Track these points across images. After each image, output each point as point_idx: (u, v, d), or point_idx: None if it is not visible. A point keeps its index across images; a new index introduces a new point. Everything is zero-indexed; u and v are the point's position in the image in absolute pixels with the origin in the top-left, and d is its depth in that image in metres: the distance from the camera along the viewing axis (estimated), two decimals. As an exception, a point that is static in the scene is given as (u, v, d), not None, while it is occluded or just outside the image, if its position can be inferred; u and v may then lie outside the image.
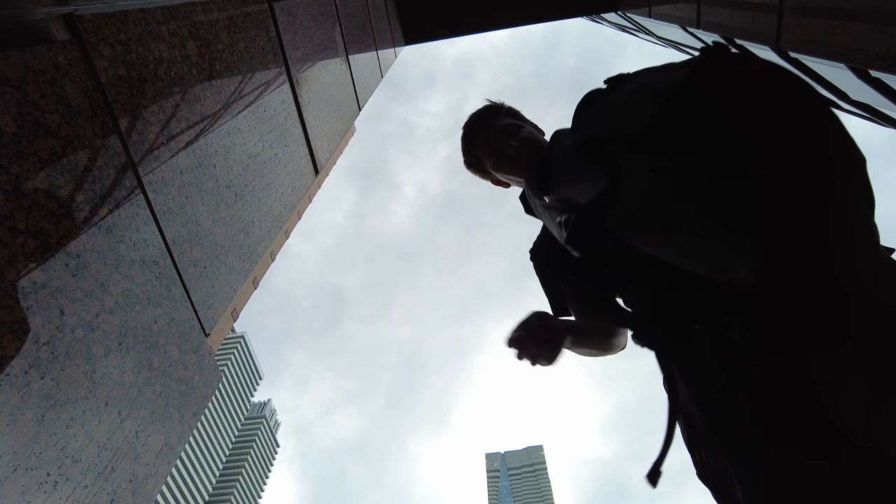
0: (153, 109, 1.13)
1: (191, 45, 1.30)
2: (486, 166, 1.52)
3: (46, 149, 0.84)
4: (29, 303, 0.78)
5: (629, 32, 6.82)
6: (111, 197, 0.99)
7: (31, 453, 0.77)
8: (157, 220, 1.12)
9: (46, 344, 0.81)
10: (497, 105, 1.57)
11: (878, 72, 2.05)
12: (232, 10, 1.54)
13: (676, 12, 4.02)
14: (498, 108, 1.56)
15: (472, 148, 1.54)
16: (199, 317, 1.25)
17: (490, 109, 1.55)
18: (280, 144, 1.83)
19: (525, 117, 1.57)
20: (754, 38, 2.84)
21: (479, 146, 1.51)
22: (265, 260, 2.06)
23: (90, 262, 0.91)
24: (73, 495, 0.84)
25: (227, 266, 1.39)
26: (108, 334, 0.94)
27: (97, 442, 0.89)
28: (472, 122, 1.55)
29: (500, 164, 1.46)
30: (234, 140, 1.49)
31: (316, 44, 2.34)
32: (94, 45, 0.98)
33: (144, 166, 1.09)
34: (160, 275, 1.11)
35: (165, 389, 1.09)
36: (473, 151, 1.54)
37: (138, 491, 0.99)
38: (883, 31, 1.88)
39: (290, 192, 1.90)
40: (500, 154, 1.44)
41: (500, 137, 1.45)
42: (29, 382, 0.77)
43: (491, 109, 1.55)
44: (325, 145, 2.38)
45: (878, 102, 2.48)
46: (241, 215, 1.49)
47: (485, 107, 1.57)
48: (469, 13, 5.86)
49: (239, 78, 1.54)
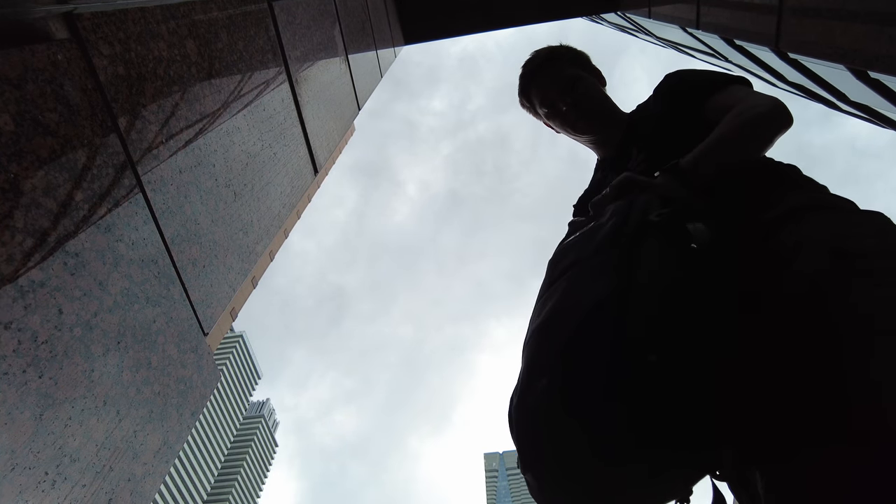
0: (152, 108, 1.13)
1: (190, 44, 1.29)
2: (538, 112, 1.49)
3: (45, 147, 0.84)
4: (27, 301, 0.78)
5: (629, 33, 6.82)
6: (110, 196, 0.98)
7: (29, 452, 0.77)
8: (155, 218, 1.11)
9: (45, 342, 0.81)
10: (560, 50, 1.49)
11: (876, 73, 2.05)
12: (231, 9, 1.54)
13: (676, 13, 4.02)
14: (561, 52, 1.48)
15: (526, 91, 1.50)
16: (198, 316, 1.25)
17: (552, 53, 1.48)
18: (279, 144, 1.83)
19: (591, 64, 1.50)
20: (753, 38, 2.84)
21: (534, 94, 1.47)
22: (264, 259, 2.06)
23: (89, 261, 0.91)
24: (72, 494, 0.84)
25: (225, 265, 1.39)
26: (107, 333, 0.94)
27: (95, 441, 0.89)
28: (532, 67, 1.48)
29: (551, 116, 1.44)
30: (234, 139, 1.49)
31: (315, 43, 2.34)
32: (93, 44, 0.97)
33: (143, 165, 1.08)
34: (159, 274, 1.11)
35: (164, 388, 1.09)
36: (527, 95, 1.50)
37: (136, 490, 0.99)
38: (882, 33, 1.88)
39: (290, 192, 1.89)
40: (553, 106, 1.42)
41: (557, 91, 1.40)
42: (27, 381, 0.77)
43: (553, 53, 1.48)
44: (324, 145, 2.38)
45: (877, 104, 2.48)
46: (239, 214, 1.49)
47: (547, 50, 1.49)
48: (468, 14, 5.86)
49: (238, 77, 1.53)
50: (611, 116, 1.40)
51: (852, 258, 0.79)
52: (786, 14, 2.44)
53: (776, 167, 1.10)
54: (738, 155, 1.09)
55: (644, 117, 1.34)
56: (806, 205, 0.95)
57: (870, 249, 0.80)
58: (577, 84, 1.40)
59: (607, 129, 1.39)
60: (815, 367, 0.73)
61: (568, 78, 1.41)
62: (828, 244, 0.83)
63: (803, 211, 0.93)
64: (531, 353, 0.81)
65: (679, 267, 0.79)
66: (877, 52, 1.92)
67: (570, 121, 1.40)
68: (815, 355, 0.74)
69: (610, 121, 1.39)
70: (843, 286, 0.76)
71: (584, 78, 1.43)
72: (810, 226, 0.90)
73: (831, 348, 0.72)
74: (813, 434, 0.70)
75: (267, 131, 1.73)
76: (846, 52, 2.10)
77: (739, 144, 1.10)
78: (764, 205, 0.98)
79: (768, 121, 1.10)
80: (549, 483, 0.72)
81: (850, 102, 2.85)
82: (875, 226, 0.87)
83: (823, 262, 0.80)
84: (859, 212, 0.93)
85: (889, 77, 2.01)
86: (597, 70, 1.50)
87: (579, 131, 1.42)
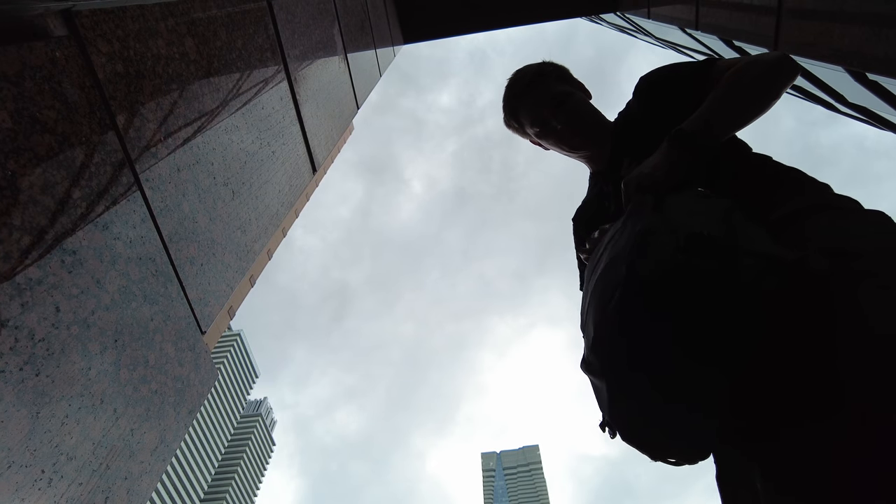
0: (151, 106, 1.13)
1: (189, 42, 1.29)
2: (528, 132, 1.48)
3: (43, 145, 0.84)
4: (24, 299, 0.78)
5: (628, 33, 6.83)
6: (108, 193, 0.98)
7: (25, 450, 0.77)
8: (153, 217, 1.11)
9: (42, 340, 0.80)
10: (546, 67, 1.49)
11: (875, 75, 2.06)
12: (230, 7, 1.54)
13: (675, 13, 4.02)
14: (547, 70, 1.48)
15: (515, 114, 1.49)
16: (196, 314, 1.24)
17: (538, 72, 1.47)
18: (278, 142, 1.83)
19: (573, 78, 1.50)
20: (753, 40, 2.85)
21: (523, 114, 1.46)
22: (262, 258, 2.05)
23: (86, 259, 0.91)
24: (68, 493, 0.84)
25: (223, 264, 1.39)
26: (104, 331, 0.94)
27: (92, 439, 0.89)
28: (518, 88, 1.47)
29: (543, 135, 1.43)
30: (232, 137, 1.48)
31: (314, 42, 2.34)
32: (91, 42, 0.97)
33: (141, 163, 1.08)
34: (156, 272, 1.11)
35: (161, 387, 1.09)
36: (516, 117, 1.49)
37: (133, 489, 0.99)
38: (880, 35, 1.89)
39: (288, 190, 1.89)
40: (545, 125, 1.41)
41: (547, 109, 1.40)
42: (24, 379, 0.77)
43: (538, 72, 1.47)
44: (322, 143, 2.38)
45: (876, 105, 2.49)
46: (238, 213, 1.49)
47: (532, 69, 1.49)
48: (468, 13, 5.86)
49: (237, 75, 1.53)
50: (601, 129, 1.40)
51: (851, 257, 0.81)
52: (785, 15, 2.44)
53: (780, 168, 1.10)
54: (750, 105, 1.09)
55: (628, 123, 1.35)
56: (810, 205, 0.96)
57: (868, 248, 0.82)
58: (566, 101, 1.40)
59: (600, 141, 1.39)
60: (815, 359, 0.76)
61: (558, 95, 1.41)
62: (828, 243, 0.85)
63: (808, 211, 0.95)
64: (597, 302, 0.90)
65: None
66: (875, 54, 1.92)
67: (566, 138, 1.40)
68: (814, 349, 0.76)
69: (601, 133, 1.40)
70: (842, 285, 0.79)
71: (573, 94, 1.43)
72: (813, 226, 0.91)
73: (829, 343, 0.75)
74: (810, 415, 0.74)
75: (265, 130, 1.73)
76: (844, 54, 2.10)
77: (750, 94, 1.09)
78: (769, 205, 0.99)
79: (777, 68, 1.10)
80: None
81: (848, 104, 2.86)
82: (875, 225, 0.89)
83: (823, 261, 0.82)
84: (861, 211, 0.94)
85: (887, 79, 2.02)
86: (581, 83, 1.51)
87: (575, 147, 1.42)
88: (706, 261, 0.79)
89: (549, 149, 1.50)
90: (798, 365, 0.77)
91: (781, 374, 0.79)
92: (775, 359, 0.80)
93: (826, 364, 0.74)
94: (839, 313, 0.77)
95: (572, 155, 1.46)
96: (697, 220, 0.85)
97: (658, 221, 0.89)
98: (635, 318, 0.82)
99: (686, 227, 0.84)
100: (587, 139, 1.39)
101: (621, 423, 0.84)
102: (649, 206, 0.94)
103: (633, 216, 0.95)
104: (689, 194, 0.94)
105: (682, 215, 0.88)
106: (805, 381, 0.76)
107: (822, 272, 0.81)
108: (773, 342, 0.79)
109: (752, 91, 1.10)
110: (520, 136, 1.55)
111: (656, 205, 0.94)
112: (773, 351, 0.80)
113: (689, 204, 0.91)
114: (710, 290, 0.78)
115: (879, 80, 2.12)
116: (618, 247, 0.91)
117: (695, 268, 0.79)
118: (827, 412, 0.72)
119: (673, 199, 0.94)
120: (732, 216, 0.86)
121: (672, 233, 0.84)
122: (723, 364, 0.78)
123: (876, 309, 0.74)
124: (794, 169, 1.09)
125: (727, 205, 0.89)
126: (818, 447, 0.72)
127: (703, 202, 0.90)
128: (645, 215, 0.93)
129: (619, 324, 0.83)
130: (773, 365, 0.80)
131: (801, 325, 0.79)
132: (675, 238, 0.83)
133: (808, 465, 0.73)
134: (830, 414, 0.71)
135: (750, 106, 1.10)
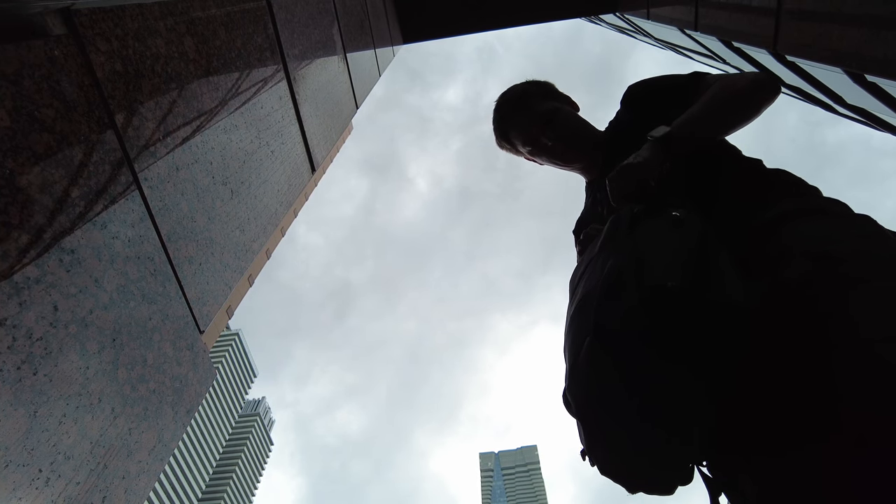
0: (149, 105, 1.12)
1: (188, 42, 1.29)
2: (521, 151, 1.51)
3: (41, 144, 0.84)
4: (22, 298, 0.78)
5: (627, 34, 6.83)
6: (106, 193, 0.98)
7: (23, 449, 0.76)
8: (152, 216, 1.11)
9: (40, 339, 0.80)
10: (528, 88, 1.52)
11: (873, 76, 2.06)
12: (230, 6, 1.54)
13: (674, 14, 4.03)
14: (530, 91, 1.51)
15: (506, 136, 1.52)
16: (194, 314, 1.24)
17: (522, 93, 1.51)
18: (277, 142, 1.83)
19: (559, 92, 1.53)
20: (752, 41, 2.85)
21: (514, 135, 1.49)
22: (261, 257, 2.06)
23: (85, 258, 0.91)
24: (66, 492, 0.84)
25: (222, 263, 1.38)
26: (102, 330, 0.93)
27: (90, 438, 0.89)
28: (507, 110, 1.51)
29: (536, 152, 1.46)
30: (231, 137, 1.48)
31: (314, 41, 2.34)
32: (90, 40, 0.97)
33: (140, 162, 1.08)
34: (155, 271, 1.11)
35: (159, 386, 1.08)
36: (507, 138, 1.52)
37: (131, 488, 0.99)
38: (879, 36, 1.89)
39: (287, 190, 1.89)
40: (536, 143, 1.43)
41: (536, 128, 1.42)
42: (21, 378, 0.77)
43: (523, 93, 1.51)
44: (321, 143, 2.38)
45: (874, 107, 2.49)
46: (236, 212, 1.48)
47: (517, 90, 1.52)
48: (467, 13, 5.86)
49: (236, 74, 1.53)
50: (592, 140, 1.42)
51: (835, 262, 0.82)
52: (784, 17, 2.45)
53: (767, 172, 1.11)
54: (729, 115, 1.13)
55: (619, 133, 1.37)
56: (797, 209, 0.96)
57: (851, 253, 0.82)
58: (554, 118, 1.42)
59: (592, 152, 1.41)
60: (804, 367, 0.75)
61: (545, 112, 1.43)
62: (813, 248, 0.86)
63: (794, 215, 0.95)
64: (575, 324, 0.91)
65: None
66: (874, 56, 1.93)
67: (558, 153, 1.42)
68: (801, 356, 0.76)
69: (593, 144, 1.41)
70: (826, 289, 0.79)
71: (560, 109, 1.45)
72: (799, 230, 0.92)
73: (816, 350, 0.75)
74: (806, 431, 0.72)
75: (264, 129, 1.73)
76: (843, 56, 2.10)
77: (730, 107, 1.14)
78: (755, 209, 0.99)
79: (759, 85, 1.14)
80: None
81: (847, 105, 2.86)
82: (860, 230, 0.89)
83: (807, 265, 0.83)
84: (848, 216, 0.94)
85: (886, 80, 2.02)
86: (567, 97, 1.53)
87: (569, 161, 1.44)
88: (668, 314, 0.78)
89: (545, 164, 1.52)
90: (785, 388, 0.76)
91: (766, 406, 0.78)
92: (757, 395, 0.79)
93: (817, 376, 0.73)
94: (829, 319, 0.76)
95: (567, 168, 1.48)
96: (664, 258, 0.84)
97: (628, 256, 0.88)
98: (604, 374, 0.82)
99: (653, 269, 0.83)
100: (579, 152, 1.42)
101: (600, 463, 0.84)
102: (623, 230, 0.95)
103: (609, 243, 0.96)
104: (664, 218, 0.93)
105: (652, 248, 0.88)
106: (796, 401, 0.75)
107: (804, 279, 0.81)
108: (753, 376, 0.79)
109: (733, 102, 1.15)
110: (514, 154, 1.58)
111: (631, 224, 0.94)
112: (754, 386, 0.79)
113: (662, 232, 0.90)
114: (674, 342, 0.77)
115: (878, 82, 2.13)
116: (591, 281, 0.92)
117: (658, 321, 0.78)
118: (821, 433, 0.70)
119: (647, 225, 0.93)
120: (707, 245, 0.85)
121: (639, 273, 0.84)
122: (700, 417, 0.78)
123: (867, 313, 0.74)
124: (784, 171, 1.10)
125: (700, 229, 0.88)
126: (813, 470, 0.70)
127: (676, 232, 0.89)
128: (617, 247, 0.93)
129: (590, 377, 0.84)
130: (756, 402, 0.79)
131: (783, 345, 0.79)
132: (641, 283, 0.83)
133: (803, 488, 0.71)
134: (825, 434, 0.70)
135: (729, 116, 1.13)
